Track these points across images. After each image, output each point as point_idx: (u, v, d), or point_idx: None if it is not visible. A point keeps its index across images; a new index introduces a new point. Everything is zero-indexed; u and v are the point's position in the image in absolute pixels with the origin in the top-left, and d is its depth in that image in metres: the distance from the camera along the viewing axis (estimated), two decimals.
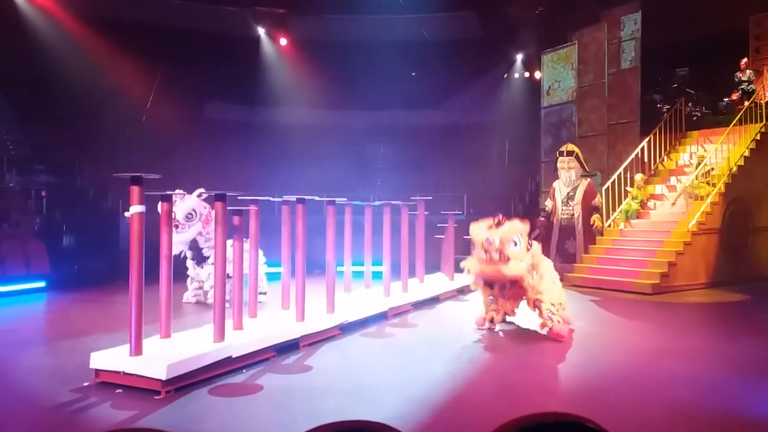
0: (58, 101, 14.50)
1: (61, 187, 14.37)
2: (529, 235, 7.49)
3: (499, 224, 7.11)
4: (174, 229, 8.02)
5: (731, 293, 10.97)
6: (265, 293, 9.57)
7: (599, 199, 13.14)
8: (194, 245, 9.36)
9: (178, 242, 8.40)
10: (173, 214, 7.71)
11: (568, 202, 13.44)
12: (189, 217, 8.81)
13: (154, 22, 15.54)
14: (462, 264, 7.61)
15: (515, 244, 7.05)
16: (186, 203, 8.78)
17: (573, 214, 13.34)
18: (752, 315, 9.52)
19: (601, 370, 6.18)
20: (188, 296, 9.95)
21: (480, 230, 7.20)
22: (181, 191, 8.74)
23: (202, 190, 8.85)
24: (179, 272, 5.96)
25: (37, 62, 14.09)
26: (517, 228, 7.15)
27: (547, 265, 7.77)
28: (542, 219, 13.91)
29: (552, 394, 5.46)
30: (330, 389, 5.42)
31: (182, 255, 9.30)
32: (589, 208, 13.22)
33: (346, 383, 5.64)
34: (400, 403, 5.00)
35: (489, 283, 7.57)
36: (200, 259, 9.66)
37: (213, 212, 9.58)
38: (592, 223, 13.03)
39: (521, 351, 6.97)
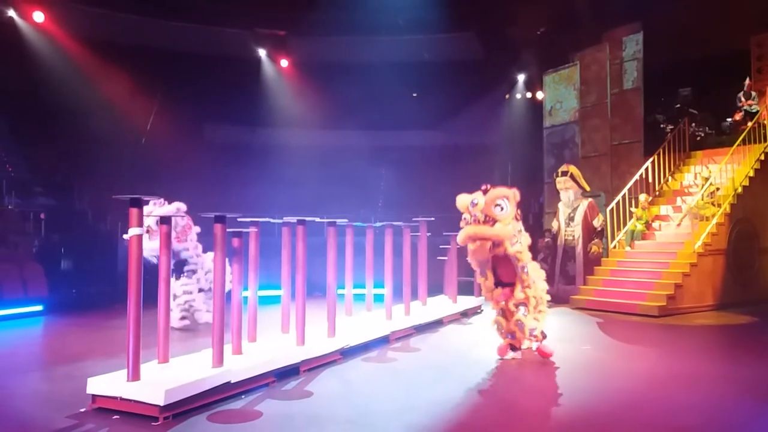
0: (58, 123, 14.51)
1: (60, 210, 14.30)
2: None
3: (485, 192, 6.92)
4: (146, 234, 7.85)
5: (739, 315, 10.83)
6: None
7: (601, 219, 13.04)
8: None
9: (149, 249, 8.13)
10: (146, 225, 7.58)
11: (569, 223, 13.35)
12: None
13: (155, 44, 15.59)
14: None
15: (501, 208, 6.84)
16: (161, 210, 8.56)
17: (574, 236, 13.23)
18: (761, 338, 9.37)
19: (606, 395, 6.03)
20: (175, 319, 9.32)
21: (466, 197, 7.05)
22: (160, 199, 8.52)
23: (181, 205, 8.71)
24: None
25: (37, 84, 14.11)
26: (502, 192, 6.95)
27: (533, 263, 7.62)
28: (547, 240, 13.80)
29: (557, 420, 5.31)
30: (331, 416, 5.28)
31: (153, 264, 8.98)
32: (589, 229, 13.10)
33: (347, 410, 5.50)
34: (402, 431, 4.88)
35: (481, 263, 7.31)
36: (176, 270, 9.47)
37: (192, 225, 9.52)
38: (588, 249, 12.89)
39: (525, 376, 6.83)
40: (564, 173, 13.41)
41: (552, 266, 13.39)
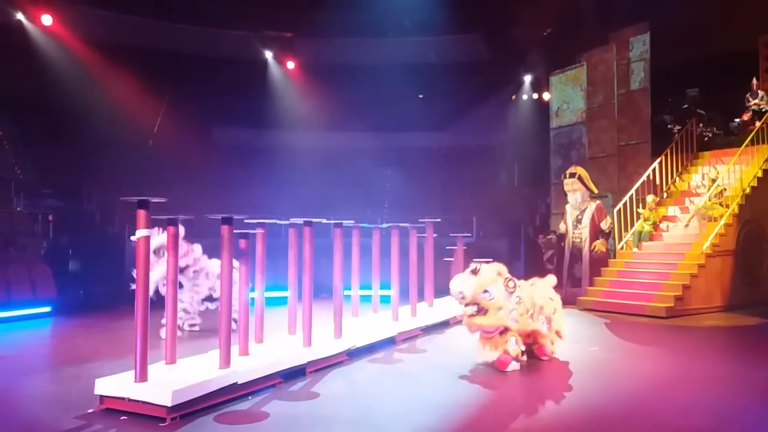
0: (66, 126, 14.57)
1: (68, 212, 14.35)
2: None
3: (474, 272, 6.82)
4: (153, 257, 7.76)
5: (748, 317, 10.76)
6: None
7: (609, 221, 12.98)
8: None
9: (159, 276, 7.97)
10: None
11: (577, 226, 13.30)
12: (157, 252, 8.46)
13: (162, 47, 15.64)
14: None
15: (489, 294, 6.73)
16: (156, 239, 8.28)
17: (582, 238, 13.18)
18: None
19: (614, 396, 6.02)
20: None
21: (454, 284, 6.94)
22: (158, 229, 8.34)
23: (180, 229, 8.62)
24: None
25: (45, 87, 14.18)
26: (487, 278, 6.79)
27: (543, 286, 7.59)
28: (549, 237, 13.74)
29: (564, 422, 5.29)
30: (337, 417, 5.28)
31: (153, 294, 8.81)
32: (596, 232, 13.04)
33: (354, 411, 5.50)
34: None
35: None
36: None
37: (191, 248, 9.37)
38: (593, 248, 12.86)
39: (532, 377, 6.81)
40: (572, 175, 13.35)
41: (559, 268, 13.35)
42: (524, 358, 7.20)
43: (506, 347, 6.98)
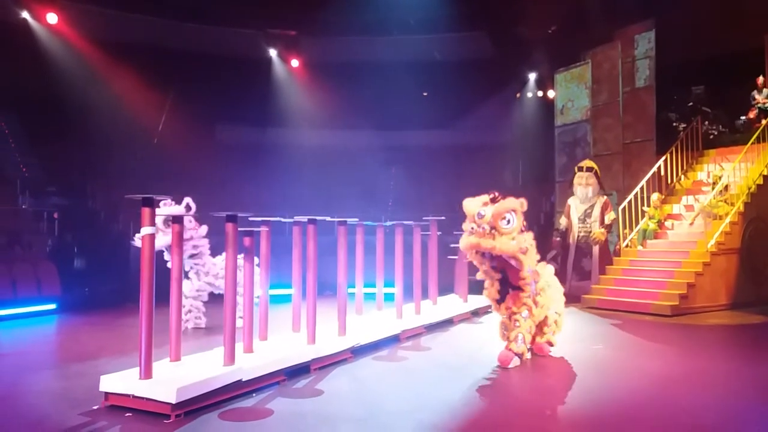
0: (71, 123, 14.58)
1: (73, 209, 14.38)
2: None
3: (494, 201, 6.75)
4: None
5: (753, 315, 10.73)
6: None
7: (613, 216, 12.99)
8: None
9: (161, 244, 8.08)
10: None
11: (585, 220, 13.29)
12: (167, 223, 8.53)
13: (166, 45, 15.63)
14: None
15: (508, 221, 6.65)
16: (168, 209, 8.39)
17: (590, 232, 13.18)
18: None
19: (619, 395, 6.01)
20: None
21: (473, 204, 6.85)
22: (169, 199, 8.45)
23: (189, 200, 8.70)
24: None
25: (50, 84, 14.18)
26: (510, 204, 6.73)
27: (550, 276, 7.57)
28: (557, 239, 13.75)
29: (568, 420, 5.29)
30: (341, 415, 5.29)
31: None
32: (602, 224, 13.09)
33: (358, 408, 5.51)
34: (413, 430, 4.88)
35: (500, 282, 7.13)
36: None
37: (199, 227, 9.47)
38: (591, 234, 12.89)
39: (537, 375, 6.81)
40: (589, 169, 13.37)
41: (563, 265, 13.35)
42: (528, 356, 7.21)
43: (512, 345, 6.99)
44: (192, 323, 9.57)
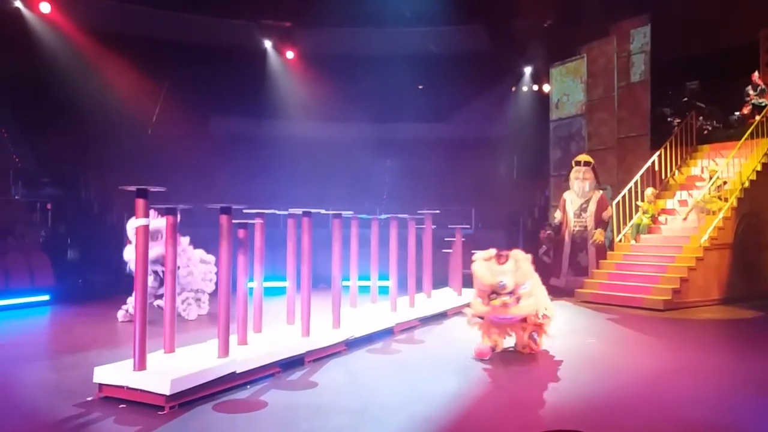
0: (64, 114, 14.52)
1: (66, 200, 14.34)
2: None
3: (499, 258, 6.81)
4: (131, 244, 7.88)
5: (745, 310, 10.80)
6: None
7: (610, 212, 13.01)
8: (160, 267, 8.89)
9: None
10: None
11: (581, 214, 13.30)
12: (153, 236, 8.43)
13: (161, 36, 15.54)
14: (466, 311, 7.31)
15: (525, 284, 6.85)
16: (156, 222, 8.32)
17: (586, 226, 13.20)
18: (766, 332, 9.33)
19: (611, 388, 6.04)
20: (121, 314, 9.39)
21: (487, 270, 6.77)
22: (155, 211, 8.36)
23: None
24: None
25: (43, 75, 14.11)
26: (526, 268, 6.87)
27: (534, 274, 7.59)
28: (548, 233, 13.76)
29: (561, 412, 5.31)
30: (335, 407, 5.30)
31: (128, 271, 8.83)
32: (599, 221, 13.11)
33: (352, 401, 5.52)
34: (407, 422, 4.89)
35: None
36: (162, 283, 9.53)
37: (181, 240, 9.46)
38: (591, 236, 12.91)
39: (530, 368, 6.83)
40: (587, 164, 13.38)
41: (557, 259, 13.38)
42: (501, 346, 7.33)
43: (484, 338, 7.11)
44: (194, 313, 9.65)
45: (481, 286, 6.88)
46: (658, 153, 13.61)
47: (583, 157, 13.64)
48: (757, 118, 13.16)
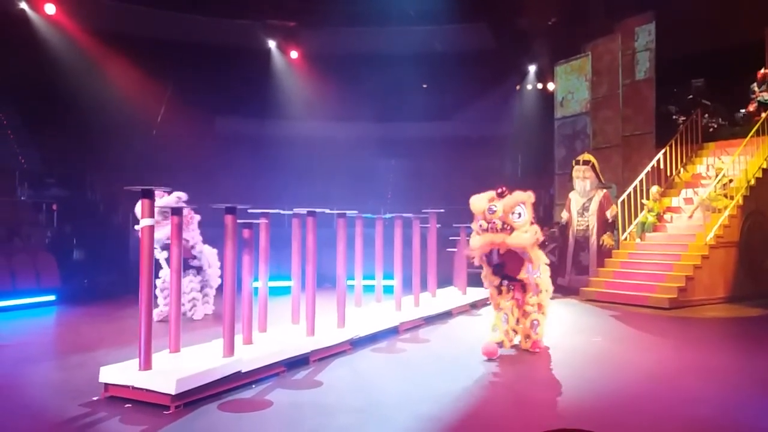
0: (70, 115, 14.56)
1: (72, 201, 14.36)
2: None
3: (501, 195, 6.75)
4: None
5: (750, 308, 10.75)
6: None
7: (615, 210, 12.96)
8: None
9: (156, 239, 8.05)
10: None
11: (583, 213, 13.27)
12: (164, 214, 8.44)
13: (165, 36, 15.58)
14: (468, 251, 7.22)
15: (519, 215, 6.67)
16: (163, 200, 8.36)
17: (588, 226, 13.17)
18: None
19: (617, 387, 6.02)
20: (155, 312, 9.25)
21: (481, 200, 6.80)
22: (165, 190, 8.42)
23: (182, 194, 8.54)
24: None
25: (48, 76, 14.15)
26: (520, 197, 6.76)
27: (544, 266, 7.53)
28: (552, 230, 13.73)
29: (566, 411, 5.30)
30: (340, 406, 5.30)
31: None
32: (603, 221, 13.04)
33: (357, 400, 5.52)
34: (412, 421, 4.89)
35: (494, 268, 7.10)
36: (203, 284, 9.64)
37: (194, 216, 9.53)
38: (601, 242, 12.84)
39: (535, 367, 6.82)
40: (586, 162, 13.33)
41: (563, 258, 13.35)
42: (512, 344, 7.28)
43: (535, 318, 7.14)
44: (200, 313, 9.69)
45: (475, 216, 6.81)
46: (663, 151, 13.56)
47: (583, 156, 13.61)
48: (763, 115, 13.10)
